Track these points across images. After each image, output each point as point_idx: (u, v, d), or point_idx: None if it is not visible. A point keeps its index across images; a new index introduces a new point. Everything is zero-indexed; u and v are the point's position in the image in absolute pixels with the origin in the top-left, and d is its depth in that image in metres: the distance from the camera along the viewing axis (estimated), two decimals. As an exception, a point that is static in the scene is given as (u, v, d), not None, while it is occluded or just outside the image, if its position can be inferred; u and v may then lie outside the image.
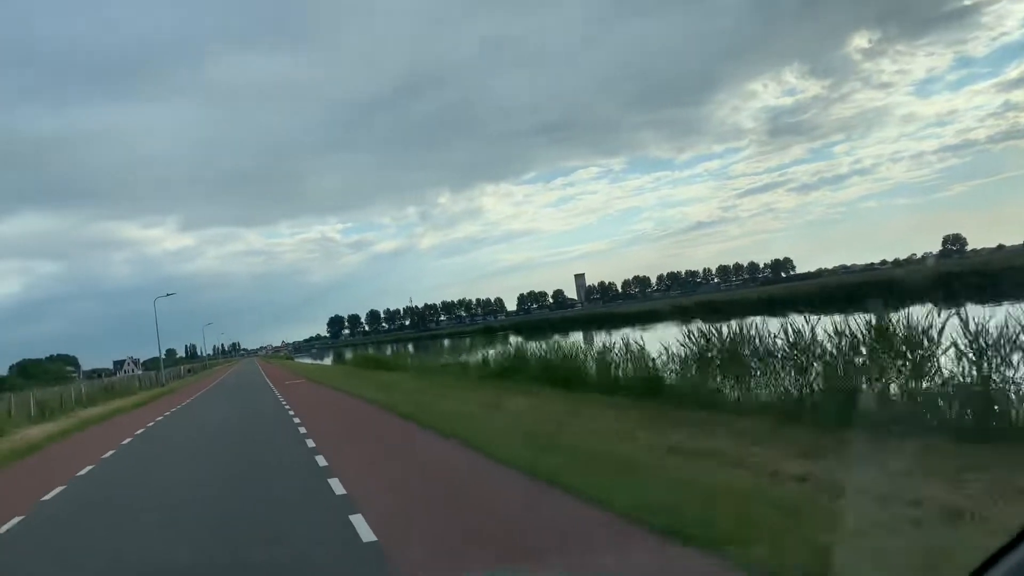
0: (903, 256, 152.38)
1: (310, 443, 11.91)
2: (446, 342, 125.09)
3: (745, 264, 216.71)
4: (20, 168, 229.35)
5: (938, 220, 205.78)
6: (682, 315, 70.82)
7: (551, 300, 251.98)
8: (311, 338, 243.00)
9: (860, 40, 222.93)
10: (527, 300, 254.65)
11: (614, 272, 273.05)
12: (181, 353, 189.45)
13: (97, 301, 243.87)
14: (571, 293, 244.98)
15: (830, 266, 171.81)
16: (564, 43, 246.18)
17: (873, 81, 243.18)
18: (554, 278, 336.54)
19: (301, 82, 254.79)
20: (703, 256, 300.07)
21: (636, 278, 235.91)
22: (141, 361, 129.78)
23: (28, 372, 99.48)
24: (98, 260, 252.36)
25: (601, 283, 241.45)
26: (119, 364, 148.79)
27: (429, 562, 5.09)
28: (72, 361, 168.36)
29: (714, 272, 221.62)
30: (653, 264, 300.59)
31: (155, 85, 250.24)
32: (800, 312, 11.52)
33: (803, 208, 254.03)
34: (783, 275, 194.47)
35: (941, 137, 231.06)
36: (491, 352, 22.82)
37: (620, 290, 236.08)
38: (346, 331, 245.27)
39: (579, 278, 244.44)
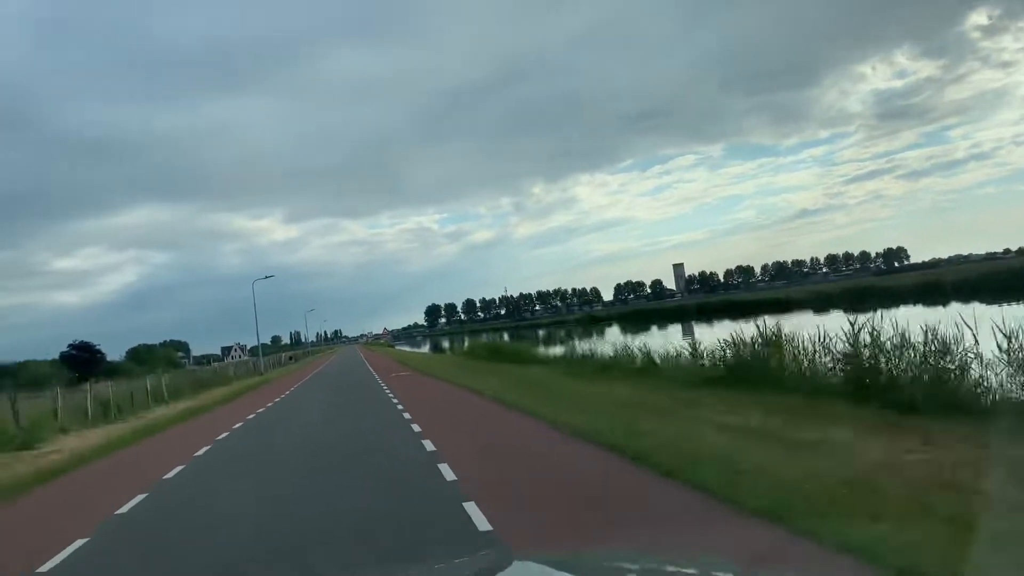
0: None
1: (479, 521, 5.86)
2: (541, 332, 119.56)
3: (856, 253, 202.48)
4: (139, 163, 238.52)
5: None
6: (817, 304, 61.93)
7: (649, 290, 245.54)
8: (409, 326, 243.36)
9: (978, 17, 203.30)
10: (624, 290, 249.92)
11: (713, 262, 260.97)
12: (286, 340, 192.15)
13: (208, 289, 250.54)
14: (669, 283, 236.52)
15: (945, 255, 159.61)
16: (664, 27, 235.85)
17: (993, 60, 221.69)
18: (650, 268, 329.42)
19: (400, 75, 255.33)
20: (807, 245, 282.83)
21: (739, 268, 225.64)
22: (248, 347, 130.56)
23: (140, 358, 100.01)
24: (209, 250, 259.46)
25: (702, 273, 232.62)
26: (227, 350, 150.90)
27: None
28: (183, 347, 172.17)
29: (822, 261, 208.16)
30: (754, 254, 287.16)
31: (264, 82, 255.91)
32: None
33: (913, 195, 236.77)
34: (896, 264, 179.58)
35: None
36: (689, 340, 16.06)
37: (722, 280, 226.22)
38: (442, 320, 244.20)
39: (678, 268, 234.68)
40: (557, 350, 27.63)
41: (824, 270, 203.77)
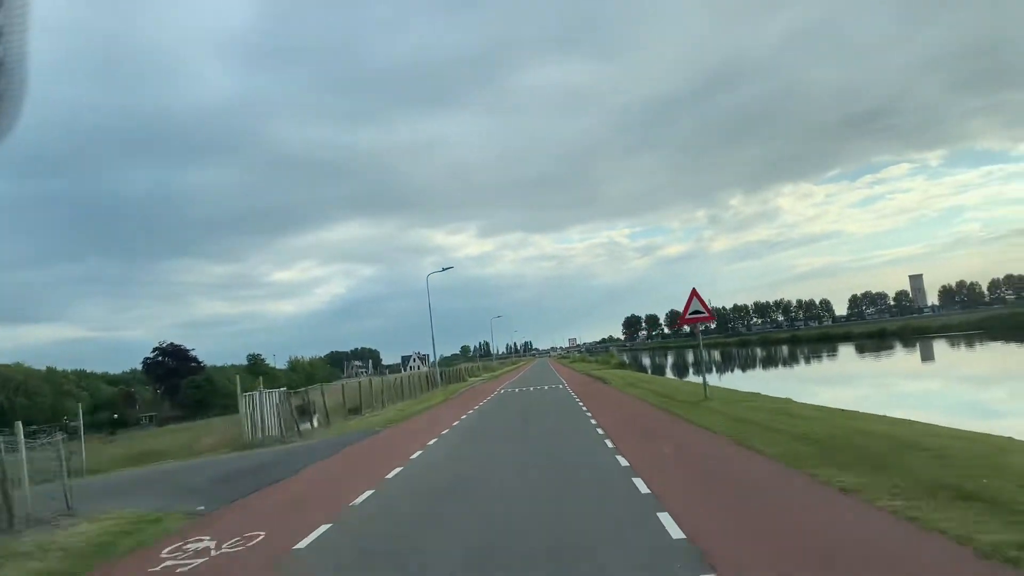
0: None
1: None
2: (759, 350, 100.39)
3: None
4: (349, 182, 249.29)
5: None
6: None
7: (892, 302, 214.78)
8: (604, 339, 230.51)
9: None
10: (861, 302, 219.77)
11: (933, 279, 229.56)
12: (474, 350, 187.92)
13: (405, 301, 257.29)
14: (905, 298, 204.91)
15: None
16: (879, 25, 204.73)
17: None
18: (860, 284, 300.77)
19: (594, 88, 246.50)
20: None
21: (1009, 277, 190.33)
22: (428, 358, 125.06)
23: (257, 368, 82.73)
24: (409, 264, 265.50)
25: (960, 283, 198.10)
26: (406, 359, 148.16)
27: None
28: (373, 355, 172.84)
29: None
30: (979, 270, 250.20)
31: (461, 100, 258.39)
32: None
33: None
34: None
35: None
36: None
37: (987, 292, 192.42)
38: (642, 333, 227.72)
39: (915, 280, 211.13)
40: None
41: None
